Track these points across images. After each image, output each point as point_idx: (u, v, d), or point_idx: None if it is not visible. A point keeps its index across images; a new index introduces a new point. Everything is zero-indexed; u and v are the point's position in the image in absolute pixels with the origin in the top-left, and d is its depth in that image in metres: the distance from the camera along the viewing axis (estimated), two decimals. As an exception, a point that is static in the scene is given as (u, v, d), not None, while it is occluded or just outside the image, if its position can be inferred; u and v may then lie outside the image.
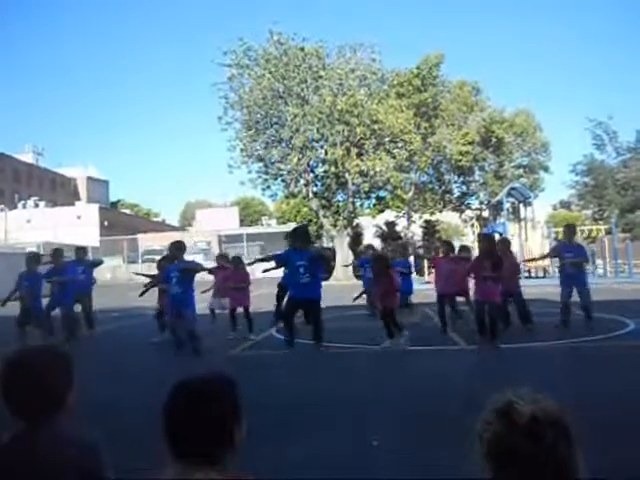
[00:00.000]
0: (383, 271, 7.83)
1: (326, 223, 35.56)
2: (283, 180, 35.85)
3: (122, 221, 51.08)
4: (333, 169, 34.10)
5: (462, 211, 43.68)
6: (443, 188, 41.80)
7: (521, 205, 29.99)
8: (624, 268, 25.80)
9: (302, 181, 35.28)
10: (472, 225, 40.57)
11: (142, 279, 10.66)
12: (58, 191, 65.69)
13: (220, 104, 34.53)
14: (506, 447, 1.06)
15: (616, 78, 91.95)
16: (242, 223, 60.52)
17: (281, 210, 54.38)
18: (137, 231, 42.65)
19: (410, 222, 41.70)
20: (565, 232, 9.68)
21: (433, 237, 43.34)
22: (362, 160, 33.48)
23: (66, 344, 8.03)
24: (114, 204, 71.55)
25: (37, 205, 50.32)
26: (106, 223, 46.90)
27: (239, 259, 9.99)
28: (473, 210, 43.52)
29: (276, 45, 33.39)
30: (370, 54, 34.33)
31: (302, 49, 33.33)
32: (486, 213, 40.13)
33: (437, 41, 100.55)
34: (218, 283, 10.15)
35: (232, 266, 9.75)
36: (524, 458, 1.04)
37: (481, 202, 42.48)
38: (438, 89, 37.00)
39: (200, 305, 10.35)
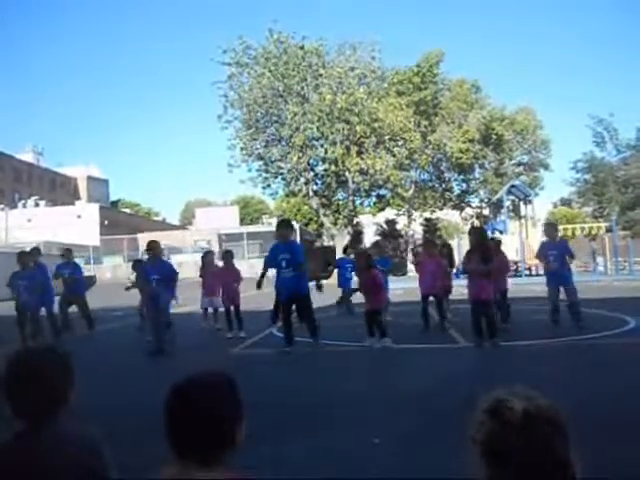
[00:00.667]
0: (365, 268, 7.87)
1: (326, 221, 35.57)
2: (283, 179, 35.84)
3: (122, 220, 51.10)
4: (333, 167, 34.09)
5: (462, 209, 43.67)
6: (443, 186, 41.78)
7: (521, 203, 30.00)
8: (624, 265, 25.80)
9: (302, 180, 35.27)
10: (472, 223, 40.56)
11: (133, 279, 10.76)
12: (58, 190, 65.72)
13: (220, 103, 34.54)
14: (500, 445, 1.05)
15: (617, 75, 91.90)
16: (242, 222, 60.53)
17: (281, 209, 54.32)
18: (137, 230, 42.63)
19: (410, 220, 41.68)
20: (546, 231, 9.64)
21: (433, 235, 43.32)
22: (362, 158, 33.46)
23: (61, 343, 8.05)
24: (114, 203, 71.57)
25: (37, 204, 50.35)
26: (106, 222, 46.92)
27: (229, 253, 10.06)
28: (473, 208, 43.51)
29: (276, 43, 33.35)
30: (370, 52, 34.29)
31: (302, 47, 33.28)
32: (486, 211, 40.15)
33: (437, 39, 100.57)
34: (208, 282, 10.18)
35: (224, 262, 9.85)
36: (519, 455, 1.03)
37: (481, 200, 42.48)
38: (438, 87, 36.97)
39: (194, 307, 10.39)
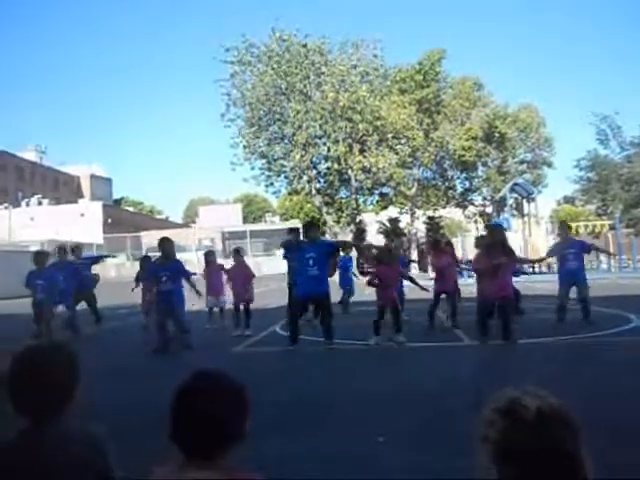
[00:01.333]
0: (387, 262, 7.89)
1: (329, 220, 35.56)
2: (286, 177, 35.85)
3: (125, 218, 51.18)
4: (336, 166, 34.08)
5: (465, 207, 43.58)
6: (446, 184, 41.70)
7: (524, 201, 29.93)
8: (628, 263, 25.75)
9: (305, 178, 35.26)
10: (475, 221, 40.53)
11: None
12: (61, 189, 65.82)
13: (223, 101, 34.56)
14: (514, 444, 1.04)
15: (621, 73, 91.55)
16: (245, 220, 60.51)
17: (284, 207, 54.37)
18: (140, 228, 42.72)
19: (413, 218, 41.62)
20: (560, 230, 9.80)
21: (436, 233, 43.25)
22: (365, 156, 33.44)
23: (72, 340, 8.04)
24: (117, 202, 71.67)
25: (40, 203, 50.45)
26: (109, 221, 46.99)
27: (240, 251, 9.98)
28: (476, 206, 43.42)
29: (278, 41, 33.33)
30: (372, 50, 34.27)
31: (304, 45, 33.26)
32: (489, 209, 40.07)
33: (440, 37, 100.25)
34: (212, 281, 10.15)
35: (235, 260, 9.71)
36: (532, 454, 1.02)
37: (484, 198, 42.38)
38: (440, 85, 36.91)
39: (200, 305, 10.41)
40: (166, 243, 8.36)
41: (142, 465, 1.32)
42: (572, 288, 8.93)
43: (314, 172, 35.75)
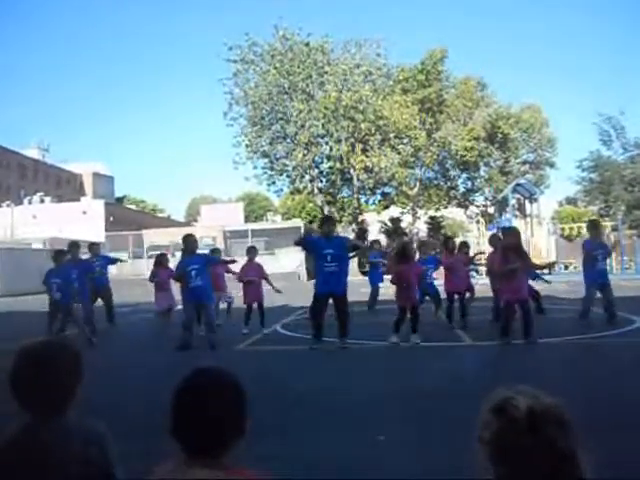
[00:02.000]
0: (409, 260, 7.94)
1: (331, 219, 35.56)
2: (288, 176, 35.89)
3: (128, 217, 51.19)
4: (338, 165, 34.09)
5: (467, 207, 43.56)
6: (448, 184, 41.69)
7: (527, 201, 29.89)
8: (630, 265, 25.71)
9: (307, 177, 35.29)
10: (477, 221, 40.48)
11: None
12: (64, 187, 65.90)
13: (225, 100, 34.60)
14: (507, 443, 1.05)
15: (624, 73, 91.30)
16: (247, 219, 60.46)
17: (286, 206, 54.32)
18: (142, 227, 42.67)
19: (415, 218, 41.63)
20: (591, 229, 9.54)
21: (438, 233, 43.24)
22: (367, 156, 33.45)
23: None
24: (120, 200, 71.70)
25: (43, 201, 50.48)
26: (112, 219, 47.01)
27: (254, 249, 9.96)
28: (478, 206, 43.38)
29: (281, 40, 33.35)
30: (375, 49, 34.29)
31: (307, 44, 33.27)
32: (491, 209, 40.01)
33: (444, 36, 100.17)
34: (216, 279, 10.13)
35: (248, 258, 9.71)
36: (525, 452, 1.03)
37: (486, 198, 42.35)
38: (443, 84, 36.91)
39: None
40: (188, 238, 8.42)
41: (141, 464, 1.32)
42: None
43: (316, 171, 35.77)
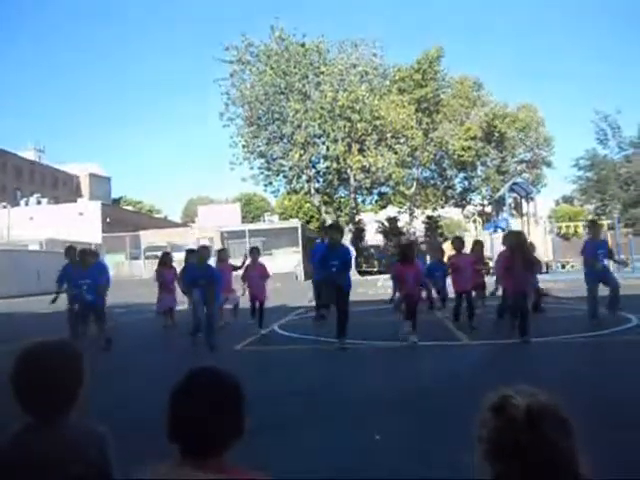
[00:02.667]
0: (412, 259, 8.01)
1: (328, 219, 35.57)
2: (285, 176, 35.85)
3: (124, 218, 51.09)
4: (335, 165, 34.08)
5: (464, 207, 43.65)
6: (445, 184, 41.77)
7: (523, 200, 29.95)
8: (626, 263, 25.73)
9: (304, 177, 35.28)
10: (474, 221, 40.58)
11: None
12: (60, 188, 65.77)
13: (222, 100, 34.56)
14: (506, 442, 1.06)
15: (620, 72, 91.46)
16: (244, 219, 60.40)
17: (283, 206, 54.32)
18: (139, 228, 42.62)
19: (412, 218, 41.69)
20: (592, 229, 9.65)
21: (435, 232, 43.34)
22: (364, 156, 33.45)
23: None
24: (116, 201, 71.60)
25: (39, 202, 50.35)
26: (108, 220, 46.90)
27: (256, 250, 10.07)
28: (475, 206, 43.48)
29: (277, 41, 33.33)
30: (371, 49, 34.28)
31: (303, 45, 33.25)
32: (488, 208, 40.12)
33: (440, 36, 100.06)
34: (224, 279, 10.11)
35: (251, 258, 9.75)
36: (524, 451, 1.04)
37: (483, 197, 42.45)
38: (439, 84, 36.94)
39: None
40: (203, 251, 8.79)
41: (141, 466, 1.32)
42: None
43: (313, 171, 35.76)
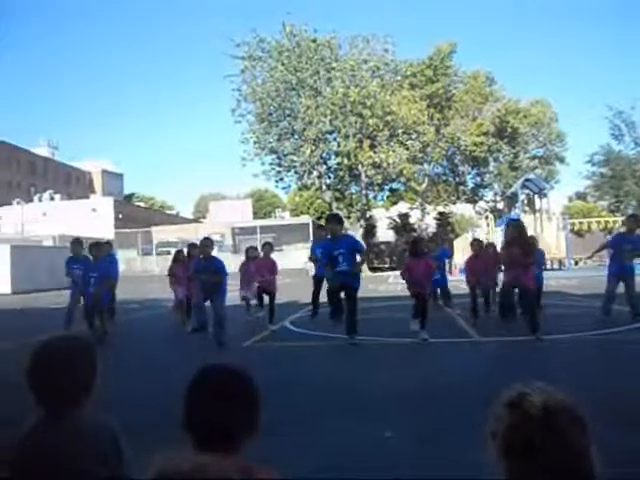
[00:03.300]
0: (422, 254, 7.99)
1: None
2: (296, 172, 35.83)
3: (136, 214, 51.43)
4: (346, 161, 34.01)
5: (476, 202, 43.37)
6: (457, 180, 41.53)
7: (536, 196, 29.72)
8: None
9: (315, 173, 35.23)
10: (486, 217, 40.30)
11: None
12: (73, 184, 66.42)
13: (233, 97, 34.61)
14: (521, 439, 1.06)
15: (634, 67, 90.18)
16: (255, 215, 60.62)
17: (294, 202, 54.43)
18: (151, 224, 42.89)
19: (424, 214, 41.52)
20: (629, 223, 9.32)
21: (446, 229, 43.11)
22: (375, 152, 33.34)
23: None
24: (129, 197, 72.13)
25: (53, 198, 50.85)
26: (121, 216, 47.24)
27: (269, 245, 10.19)
28: (487, 202, 43.18)
29: (289, 37, 33.28)
30: (383, 45, 34.11)
31: (314, 41, 33.16)
32: (501, 205, 39.82)
33: (452, 31, 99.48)
34: (247, 274, 10.17)
35: (263, 253, 9.89)
36: (539, 448, 1.04)
37: (495, 193, 42.16)
38: (451, 79, 36.71)
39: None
40: (204, 242, 8.57)
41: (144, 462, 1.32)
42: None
43: (324, 167, 35.72)
